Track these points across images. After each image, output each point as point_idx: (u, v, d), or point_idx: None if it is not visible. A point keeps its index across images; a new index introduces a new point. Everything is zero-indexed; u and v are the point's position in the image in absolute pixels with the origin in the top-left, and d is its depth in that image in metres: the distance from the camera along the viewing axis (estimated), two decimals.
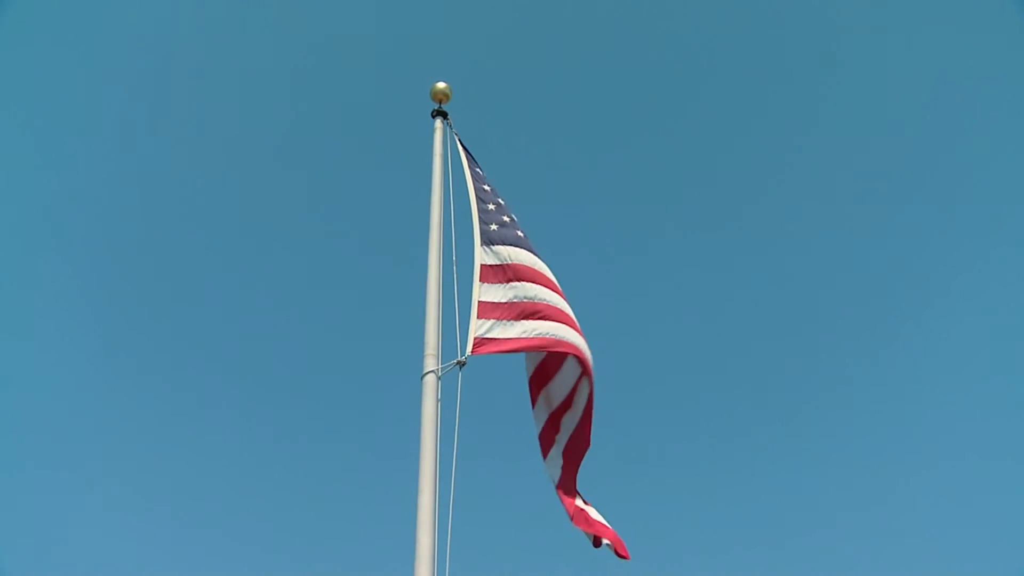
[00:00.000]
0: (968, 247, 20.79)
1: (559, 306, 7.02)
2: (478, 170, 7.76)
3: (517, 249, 7.17)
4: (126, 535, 17.23)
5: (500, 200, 7.65)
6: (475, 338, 6.46)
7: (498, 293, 6.83)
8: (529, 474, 19.80)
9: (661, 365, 21.50)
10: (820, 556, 17.69)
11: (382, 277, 21.70)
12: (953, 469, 18.51)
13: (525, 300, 6.88)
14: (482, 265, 6.93)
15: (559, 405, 7.21)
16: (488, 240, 7.12)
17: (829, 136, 22.78)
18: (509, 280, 6.94)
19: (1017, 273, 19.45)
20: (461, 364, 6.30)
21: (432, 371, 6.27)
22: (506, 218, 7.45)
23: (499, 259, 7.04)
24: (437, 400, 6.18)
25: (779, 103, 23.22)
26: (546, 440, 7.18)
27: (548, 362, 7.21)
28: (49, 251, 19.65)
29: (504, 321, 6.71)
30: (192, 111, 21.62)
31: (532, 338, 6.71)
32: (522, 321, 6.74)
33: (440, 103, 7.99)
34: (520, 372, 7.28)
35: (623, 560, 6.93)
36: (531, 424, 7.22)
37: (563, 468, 7.11)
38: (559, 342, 6.80)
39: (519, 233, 7.37)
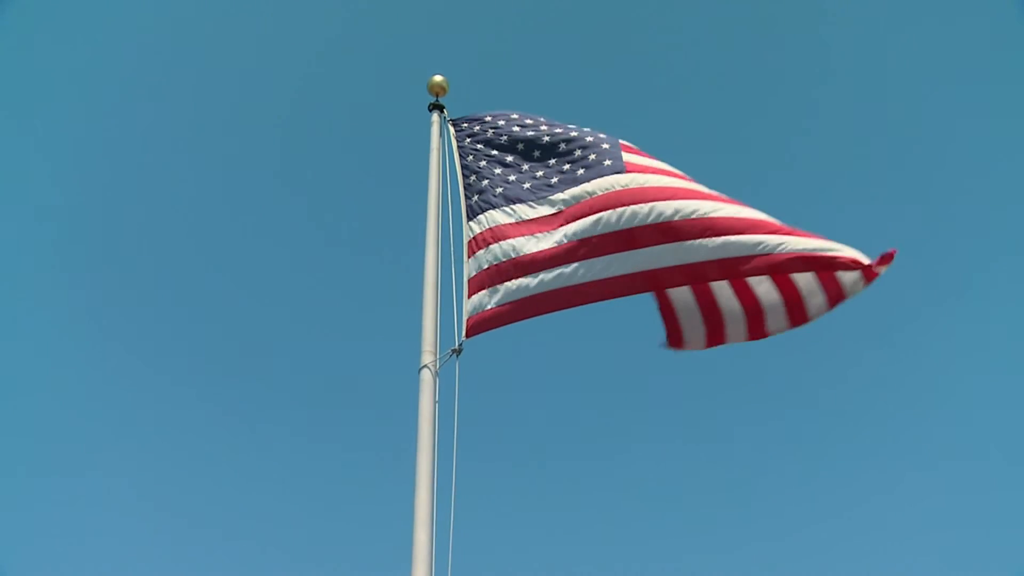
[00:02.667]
0: (969, 246, 20.78)
1: (544, 244, 6.59)
2: (468, 139, 7.57)
3: (495, 211, 6.95)
4: (123, 534, 17.23)
5: (494, 150, 7.41)
6: (468, 320, 6.38)
7: (479, 261, 6.72)
8: (527, 470, 19.87)
9: (658, 363, 21.45)
10: (820, 555, 17.70)
11: (379, 272, 21.71)
12: (953, 469, 18.50)
13: (499, 260, 6.62)
14: (469, 241, 6.86)
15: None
16: (471, 214, 7.02)
17: (827, 136, 22.75)
18: (487, 244, 6.76)
19: (1020, 272, 19.43)
20: (457, 352, 6.27)
21: (428, 365, 6.22)
22: (485, 180, 7.18)
23: (480, 226, 6.92)
24: (434, 395, 6.13)
25: (776, 103, 23.19)
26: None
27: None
28: (48, 251, 19.66)
29: (488, 290, 6.54)
30: (188, 108, 21.64)
31: (512, 302, 6.38)
32: (501, 284, 6.48)
33: (437, 96, 7.94)
34: (520, 361, 7.19)
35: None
36: (528, 420, 7.20)
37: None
38: (543, 298, 6.39)
39: (499, 189, 7.08)
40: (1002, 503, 16.81)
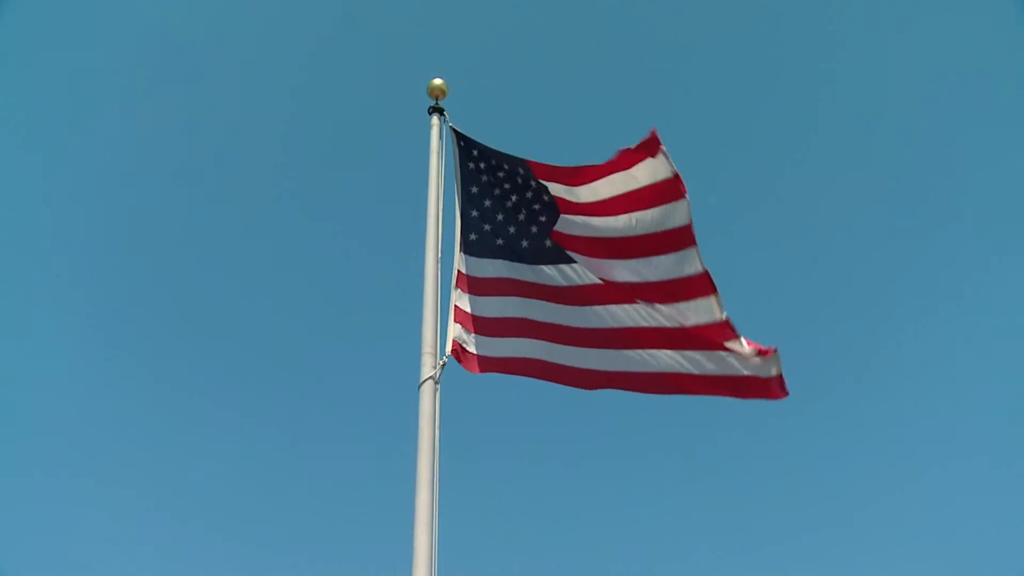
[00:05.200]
0: (968, 248, 20.79)
1: (532, 315, 7.12)
2: (471, 165, 7.66)
3: (490, 261, 7.29)
4: (125, 535, 17.26)
5: (498, 189, 7.53)
6: (454, 341, 6.72)
7: (469, 301, 7.06)
8: (527, 472, 19.90)
9: None
10: (819, 557, 17.72)
11: (379, 277, 21.72)
12: (952, 469, 18.52)
13: (489, 316, 7.06)
14: (459, 272, 7.12)
15: None
16: (468, 250, 7.26)
17: (827, 138, 22.77)
18: (477, 292, 7.12)
19: (1018, 274, 19.45)
20: (443, 365, 6.47)
21: (430, 371, 6.31)
22: (487, 225, 7.41)
23: (475, 271, 7.21)
24: (435, 399, 6.21)
25: (776, 106, 23.22)
26: None
27: None
28: (47, 251, 19.67)
29: (475, 335, 6.93)
30: (188, 110, 21.63)
31: (493, 358, 6.93)
32: (487, 338, 6.96)
33: (437, 99, 7.94)
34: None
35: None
36: (528, 423, 7.41)
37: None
38: (546, 369, 6.99)
39: (499, 241, 7.37)
40: (1002, 503, 16.86)
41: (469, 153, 7.68)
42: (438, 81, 7.99)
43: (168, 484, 18.28)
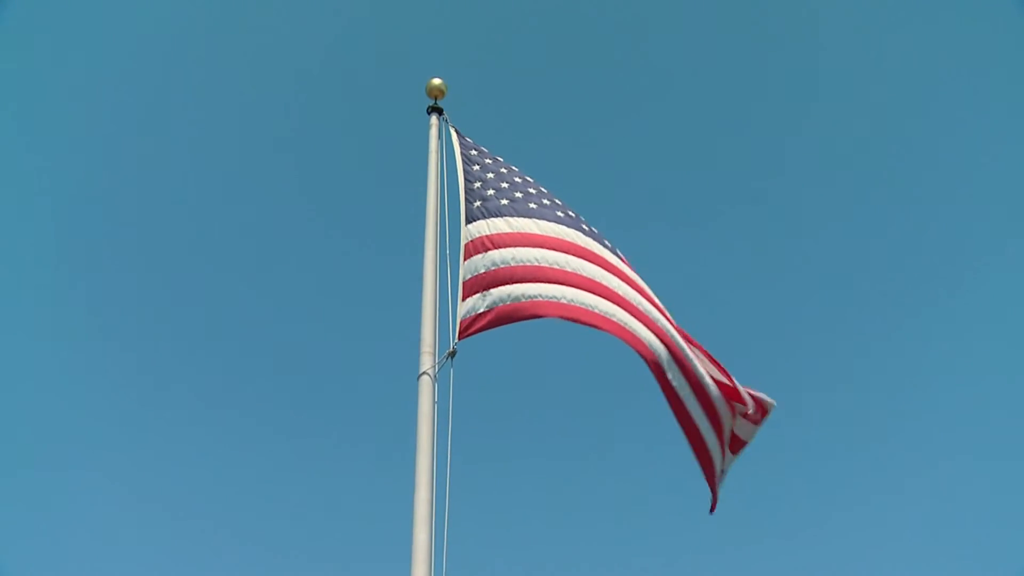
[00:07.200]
0: (966, 246, 20.80)
1: (544, 262, 6.81)
2: (473, 152, 7.64)
3: (498, 219, 7.03)
4: (124, 534, 17.28)
5: (500, 170, 7.53)
6: (461, 322, 6.39)
7: (476, 265, 6.71)
8: (527, 469, 19.91)
9: None
10: (818, 557, 17.73)
11: (379, 274, 21.75)
12: (952, 469, 18.52)
13: (496, 266, 6.70)
14: (466, 244, 6.84)
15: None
16: (471, 218, 7.02)
17: (827, 136, 22.78)
18: (486, 249, 6.79)
19: (1016, 272, 19.46)
20: (452, 355, 6.30)
21: (428, 369, 6.28)
22: (491, 190, 7.31)
23: (480, 231, 6.93)
24: (433, 396, 6.19)
25: (773, 103, 23.23)
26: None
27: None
28: (48, 250, 19.70)
29: (481, 294, 6.56)
30: (189, 109, 21.66)
31: (505, 306, 6.49)
32: (495, 289, 6.55)
33: (435, 99, 7.99)
34: (516, 364, 7.26)
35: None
36: (528, 420, 7.29)
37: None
38: (534, 304, 6.56)
39: (503, 201, 7.21)
40: (1002, 503, 16.86)
41: (471, 148, 7.69)
42: (437, 81, 8.03)
43: (167, 482, 18.34)
